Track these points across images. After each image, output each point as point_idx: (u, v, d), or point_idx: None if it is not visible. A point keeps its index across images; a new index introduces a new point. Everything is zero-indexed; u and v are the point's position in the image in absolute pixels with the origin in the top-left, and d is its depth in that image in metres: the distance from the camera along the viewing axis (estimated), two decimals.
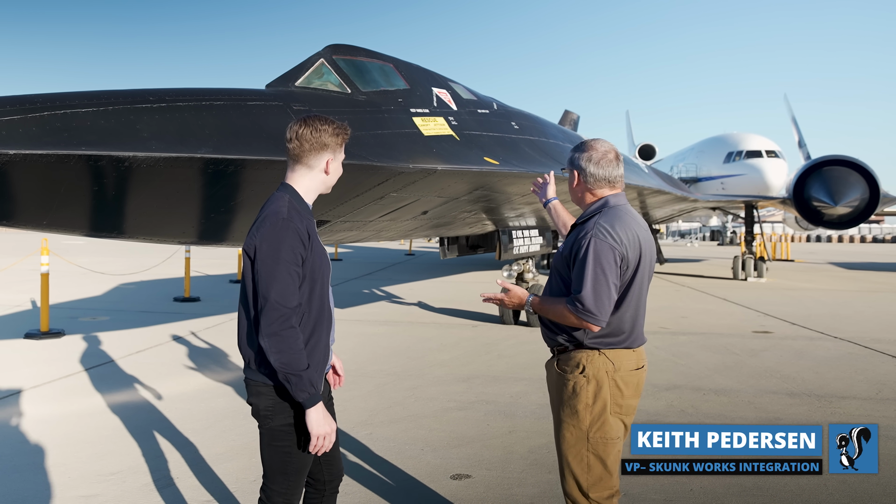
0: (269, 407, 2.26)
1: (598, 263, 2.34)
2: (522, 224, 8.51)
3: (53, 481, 3.78)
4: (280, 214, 2.19)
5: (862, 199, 16.69)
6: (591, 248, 2.36)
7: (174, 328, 8.93)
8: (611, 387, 2.44)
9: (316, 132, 2.29)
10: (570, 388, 2.46)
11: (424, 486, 3.73)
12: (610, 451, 2.43)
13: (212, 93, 3.89)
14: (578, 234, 2.46)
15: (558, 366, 2.55)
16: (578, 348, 2.49)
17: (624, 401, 2.46)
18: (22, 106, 3.01)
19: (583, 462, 2.43)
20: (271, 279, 2.13)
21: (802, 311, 10.98)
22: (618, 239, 2.38)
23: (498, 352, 7.50)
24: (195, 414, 5.07)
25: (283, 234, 2.17)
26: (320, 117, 2.34)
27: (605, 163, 2.54)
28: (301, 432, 2.27)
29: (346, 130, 2.38)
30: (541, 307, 2.50)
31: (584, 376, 2.44)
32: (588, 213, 2.54)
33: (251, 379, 2.30)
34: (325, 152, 2.32)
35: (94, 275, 15.19)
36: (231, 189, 3.90)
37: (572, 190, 2.63)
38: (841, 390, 5.82)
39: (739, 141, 28.37)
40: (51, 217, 3.45)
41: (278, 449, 2.29)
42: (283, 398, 2.25)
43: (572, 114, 18.51)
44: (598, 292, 2.33)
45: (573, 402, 2.45)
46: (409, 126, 5.09)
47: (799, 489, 3.68)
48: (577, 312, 2.35)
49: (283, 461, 2.29)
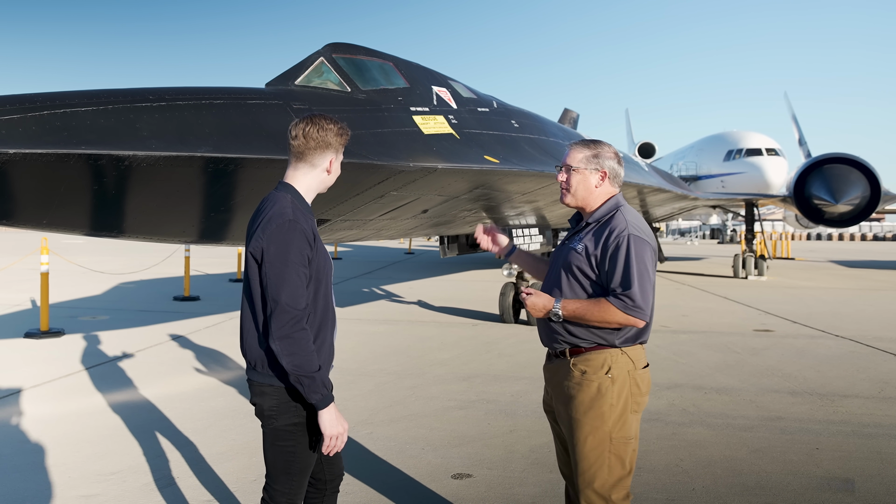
0: (273, 407, 2.25)
1: (641, 259, 2.36)
2: (522, 222, 8.50)
3: (54, 481, 3.77)
4: (286, 215, 2.18)
5: (863, 197, 16.68)
6: (631, 244, 2.36)
7: (174, 327, 8.93)
8: (631, 385, 2.42)
9: (322, 131, 2.29)
10: (593, 390, 2.40)
11: (425, 486, 3.72)
12: (629, 450, 2.41)
13: (211, 91, 3.88)
14: (604, 232, 2.43)
15: (575, 368, 2.46)
16: (600, 348, 2.44)
17: (641, 398, 2.46)
18: (21, 105, 3.00)
19: (605, 464, 2.38)
20: (281, 282, 2.11)
21: (803, 310, 10.98)
22: (649, 235, 2.44)
23: (498, 350, 7.49)
24: (195, 413, 5.06)
25: (291, 235, 2.15)
26: (325, 116, 2.34)
27: (621, 161, 2.61)
28: (309, 432, 2.26)
29: (347, 132, 2.40)
30: (576, 309, 2.40)
31: (609, 377, 2.40)
32: (605, 211, 2.52)
33: (255, 380, 2.29)
34: (328, 151, 2.32)
35: (93, 274, 15.18)
36: (231, 188, 3.89)
37: (587, 188, 2.56)
38: (843, 389, 5.81)
39: (740, 139, 28.39)
40: (50, 216, 3.44)
41: (282, 449, 2.28)
42: (289, 399, 2.24)
43: (572, 112, 18.49)
44: (644, 287, 2.34)
45: (598, 404, 2.39)
46: (409, 124, 5.08)
47: (801, 488, 3.67)
48: (627, 309, 2.33)
49: (286, 461, 2.28)
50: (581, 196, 2.59)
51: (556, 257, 2.62)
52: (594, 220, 2.53)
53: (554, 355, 2.59)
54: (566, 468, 2.68)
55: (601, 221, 2.51)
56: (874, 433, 4.60)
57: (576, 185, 2.58)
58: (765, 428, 4.72)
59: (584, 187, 2.57)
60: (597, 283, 2.45)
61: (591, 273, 2.45)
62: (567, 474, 2.69)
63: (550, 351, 2.62)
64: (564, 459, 2.68)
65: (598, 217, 2.52)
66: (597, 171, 2.55)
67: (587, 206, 2.59)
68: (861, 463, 4.04)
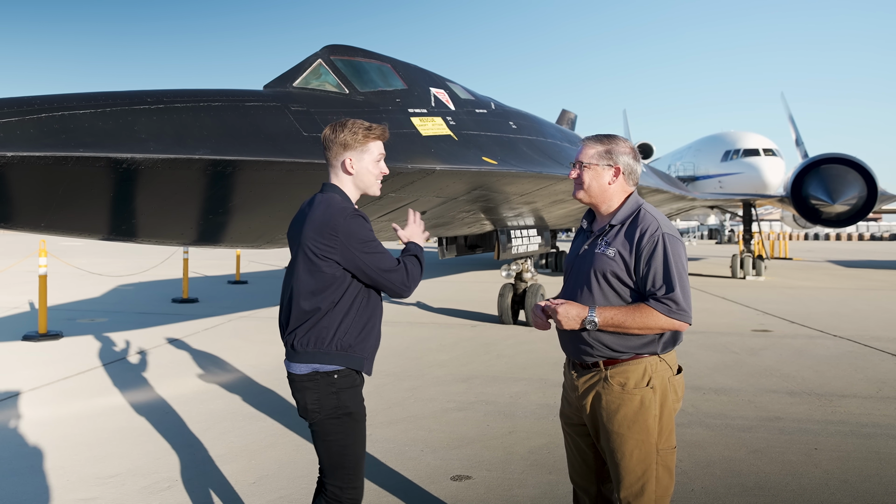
0: (315, 401, 2.35)
1: (678, 259, 2.28)
2: (521, 224, 8.51)
3: (52, 484, 3.76)
4: (346, 210, 2.36)
5: (859, 197, 16.72)
6: (667, 244, 2.28)
7: (172, 330, 8.91)
8: (671, 392, 2.35)
9: (333, 132, 2.45)
10: (636, 403, 2.30)
11: (424, 488, 3.72)
12: (674, 458, 2.36)
13: (209, 94, 3.87)
14: (634, 234, 2.32)
15: (613, 380, 2.34)
16: (638, 357, 2.33)
17: (677, 404, 2.39)
18: (20, 108, 3.00)
19: (653, 476, 2.30)
20: (377, 257, 2.36)
21: (801, 310, 10.99)
22: (678, 234, 2.36)
23: (497, 352, 7.49)
24: (194, 416, 5.05)
25: (357, 222, 2.35)
26: (350, 120, 2.48)
27: (637, 157, 2.49)
28: (354, 420, 2.37)
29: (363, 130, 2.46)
30: (614, 316, 2.28)
31: (650, 388, 2.31)
32: (628, 211, 2.41)
33: (295, 375, 2.38)
34: (342, 150, 2.45)
35: (92, 276, 15.16)
36: (229, 190, 3.89)
37: (601, 185, 2.44)
38: (841, 389, 5.81)
39: (737, 139, 28.42)
40: (49, 219, 3.44)
41: (332, 442, 2.36)
42: (329, 390, 2.34)
43: (570, 113, 18.52)
44: (685, 289, 2.27)
45: (642, 417, 2.30)
46: (407, 126, 5.08)
47: (800, 489, 3.68)
48: (671, 313, 2.25)
49: (339, 453, 2.36)
50: (595, 193, 2.47)
51: (578, 264, 2.48)
52: (618, 221, 2.41)
53: (581, 366, 2.45)
54: (581, 479, 2.59)
55: (626, 223, 2.39)
56: (872, 433, 4.60)
57: (588, 182, 2.46)
58: (763, 428, 4.72)
59: (597, 184, 2.45)
60: (633, 288, 2.34)
61: (628, 278, 2.34)
62: (581, 484, 2.60)
63: (577, 361, 2.47)
64: (580, 470, 2.59)
65: (622, 218, 2.41)
66: (610, 168, 2.44)
67: (602, 203, 2.48)
68: (859, 463, 4.05)
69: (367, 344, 2.41)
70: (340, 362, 2.34)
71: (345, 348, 2.35)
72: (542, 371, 6.48)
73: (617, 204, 2.46)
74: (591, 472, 2.57)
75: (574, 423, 2.55)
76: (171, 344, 7.93)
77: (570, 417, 2.56)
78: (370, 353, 2.44)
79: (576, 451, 2.59)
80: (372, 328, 2.44)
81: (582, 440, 2.54)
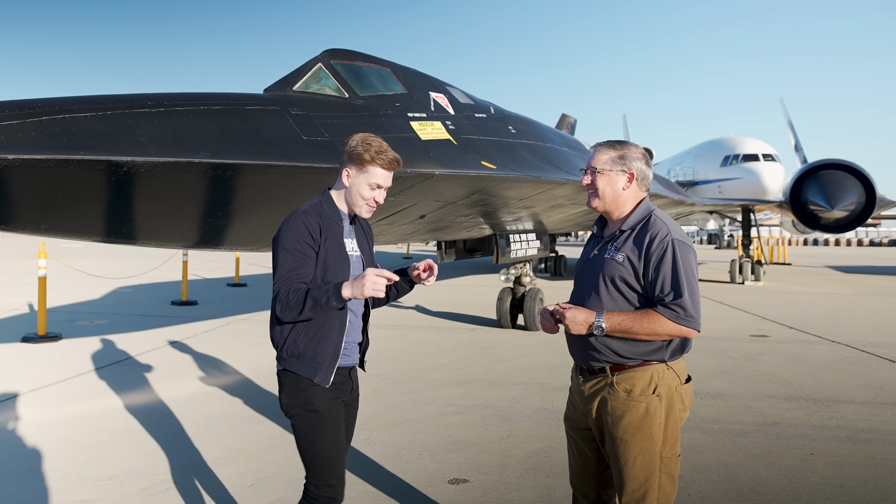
0: (287, 396, 2.42)
1: (688, 265, 2.27)
2: (520, 228, 8.52)
3: (51, 486, 3.77)
4: (297, 211, 2.40)
5: (858, 202, 16.77)
6: (676, 250, 2.27)
7: (171, 332, 8.92)
8: (677, 401, 2.35)
9: (351, 141, 2.46)
10: (641, 411, 2.30)
11: (422, 492, 3.73)
12: (677, 466, 2.36)
13: (210, 97, 3.90)
14: (644, 239, 2.32)
15: (619, 386, 2.34)
16: (646, 364, 2.33)
17: (684, 414, 2.39)
18: (21, 111, 3.02)
19: (655, 483, 2.30)
20: (281, 263, 2.34)
21: (800, 315, 11.01)
22: (689, 240, 2.36)
23: (496, 356, 7.50)
24: (192, 418, 5.06)
25: (289, 224, 2.37)
26: (376, 139, 2.47)
27: (649, 163, 2.49)
28: (323, 419, 2.39)
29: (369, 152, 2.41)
30: (621, 322, 2.27)
31: (656, 395, 2.30)
32: (639, 216, 2.40)
33: (278, 370, 2.47)
34: (344, 164, 2.47)
35: (91, 278, 15.16)
36: (228, 193, 3.90)
37: (615, 191, 2.43)
38: (838, 394, 5.83)
39: (736, 145, 28.44)
40: (49, 221, 3.45)
41: (303, 439, 2.41)
42: (296, 387, 2.39)
43: (569, 117, 18.57)
44: (694, 296, 2.27)
45: (647, 425, 2.29)
46: (406, 130, 5.10)
47: (797, 494, 3.69)
48: (679, 319, 2.24)
49: (309, 451, 2.41)
50: (609, 199, 2.45)
51: (588, 268, 2.48)
52: (628, 227, 2.40)
53: (588, 371, 2.45)
54: (582, 484, 2.59)
55: (636, 228, 2.38)
56: (869, 438, 4.61)
57: (603, 188, 2.44)
58: (760, 433, 4.74)
59: (611, 190, 2.43)
60: (642, 293, 2.33)
61: (636, 284, 2.33)
62: (581, 489, 2.60)
63: (584, 366, 2.46)
64: (582, 475, 2.59)
65: (633, 224, 2.40)
66: (623, 173, 2.42)
67: (615, 210, 2.46)
68: (855, 468, 4.06)
69: (318, 352, 2.38)
70: (294, 368, 2.40)
71: (295, 355, 2.40)
72: (540, 375, 6.49)
73: (629, 209, 2.45)
74: (592, 478, 2.57)
75: (579, 428, 2.55)
76: (170, 346, 7.93)
77: (575, 421, 2.56)
78: (327, 361, 2.39)
79: (578, 455, 2.59)
80: (325, 336, 2.39)
81: (586, 445, 2.54)
